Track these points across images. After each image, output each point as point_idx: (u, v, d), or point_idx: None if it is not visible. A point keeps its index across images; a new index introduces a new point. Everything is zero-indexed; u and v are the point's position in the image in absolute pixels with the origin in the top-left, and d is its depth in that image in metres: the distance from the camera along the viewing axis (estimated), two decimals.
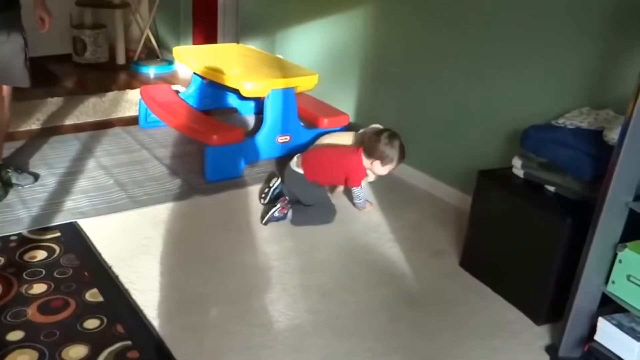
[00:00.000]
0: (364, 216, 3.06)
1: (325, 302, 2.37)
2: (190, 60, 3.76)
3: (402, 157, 2.98)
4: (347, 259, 2.69)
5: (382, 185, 3.42)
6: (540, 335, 2.26)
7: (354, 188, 3.03)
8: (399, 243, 2.83)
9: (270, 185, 3.07)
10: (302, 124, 3.65)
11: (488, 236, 2.53)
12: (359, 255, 2.71)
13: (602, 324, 2.00)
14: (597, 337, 2.02)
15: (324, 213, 2.98)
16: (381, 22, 3.55)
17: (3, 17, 2.69)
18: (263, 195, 3.08)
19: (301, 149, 3.63)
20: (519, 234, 2.36)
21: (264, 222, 2.88)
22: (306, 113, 3.70)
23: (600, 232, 1.93)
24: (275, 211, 2.87)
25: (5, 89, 2.86)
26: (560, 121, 2.41)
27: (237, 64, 3.67)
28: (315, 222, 2.93)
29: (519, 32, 2.78)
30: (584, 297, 2.03)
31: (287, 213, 2.90)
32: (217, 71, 3.47)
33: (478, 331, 2.26)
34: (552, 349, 2.16)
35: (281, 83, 3.38)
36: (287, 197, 2.96)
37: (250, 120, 4.20)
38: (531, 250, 2.31)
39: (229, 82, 3.39)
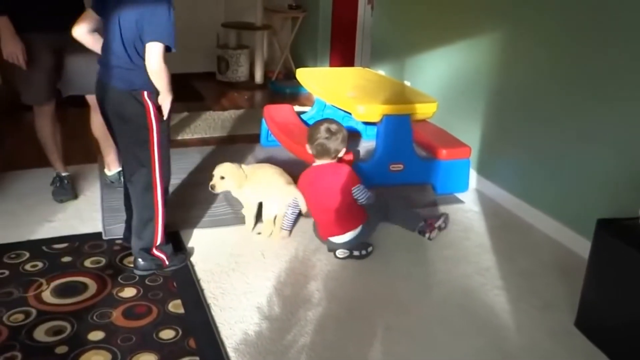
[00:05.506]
0: (474, 257, 2.82)
1: (406, 345, 2.18)
2: (310, 82, 3.77)
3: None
4: (443, 301, 2.47)
5: (499, 224, 3.15)
6: None
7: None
8: (507, 291, 2.56)
9: None
10: (420, 152, 3.48)
11: (606, 294, 2.19)
12: (457, 299, 2.48)
13: None
14: None
15: None
16: (509, 52, 3.29)
17: None
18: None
19: (416, 178, 3.45)
20: None
21: None
22: (425, 142, 3.53)
23: None
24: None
25: (92, 98, 2.92)
26: None
27: (355, 87, 3.60)
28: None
29: None
30: None
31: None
32: (334, 94, 3.43)
33: None
34: None
35: (395, 109, 3.26)
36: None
37: (372, 145, 4.10)
38: None
39: (343, 104, 3.32)
